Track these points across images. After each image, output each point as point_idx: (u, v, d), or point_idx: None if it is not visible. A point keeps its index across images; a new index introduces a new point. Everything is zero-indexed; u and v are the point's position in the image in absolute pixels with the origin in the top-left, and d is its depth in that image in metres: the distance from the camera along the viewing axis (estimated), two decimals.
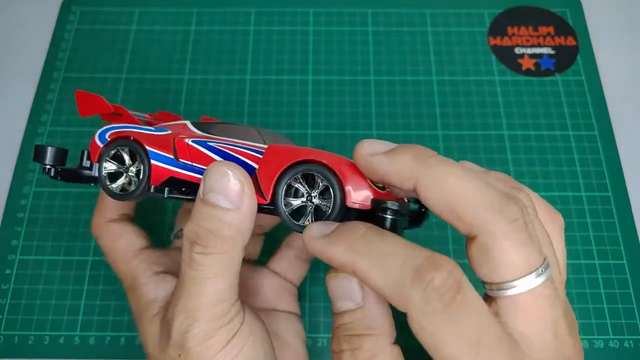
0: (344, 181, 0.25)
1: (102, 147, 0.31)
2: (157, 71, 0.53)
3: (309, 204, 0.27)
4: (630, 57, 0.55)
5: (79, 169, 0.32)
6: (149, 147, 0.29)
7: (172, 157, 0.29)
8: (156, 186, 0.29)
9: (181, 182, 0.30)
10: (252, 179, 0.27)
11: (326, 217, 0.26)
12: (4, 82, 0.53)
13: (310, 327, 0.42)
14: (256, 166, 0.28)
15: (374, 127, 0.51)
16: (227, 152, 0.29)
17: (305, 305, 0.43)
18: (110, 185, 0.30)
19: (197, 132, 0.31)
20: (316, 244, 0.24)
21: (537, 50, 0.55)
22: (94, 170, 0.31)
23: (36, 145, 0.31)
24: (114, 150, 0.31)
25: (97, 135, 0.31)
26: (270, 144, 0.28)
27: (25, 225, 0.46)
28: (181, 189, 0.30)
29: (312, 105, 0.52)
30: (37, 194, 0.47)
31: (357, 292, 0.24)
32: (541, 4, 0.57)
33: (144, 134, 0.30)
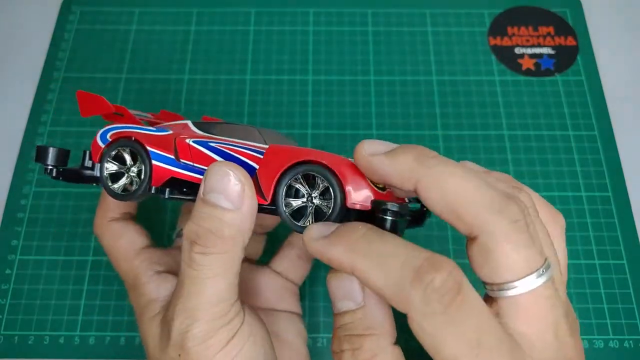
0: (344, 182, 0.25)
1: (103, 147, 0.31)
2: (157, 71, 0.53)
3: (309, 205, 0.27)
4: (630, 57, 0.55)
5: (81, 169, 0.32)
6: (150, 148, 0.29)
7: (173, 157, 0.29)
8: (157, 187, 0.29)
9: (182, 183, 0.30)
10: (253, 179, 0.27)
11: (326, 217, 0.26)
12: (4, 82, 0.53)
13: (310, 327, 0.42)
14: (257, 166, 0.28)
15: (374, 127, 0.51)
16: (228, 153, 0.29)
17: (305, 305, 0.43)
18: (111, 185, 0.31)
19: (198, 132, 0.31)
20: (316, 244, 0.24)
21: (537, 50, 0.55)
22: (96, 170, 0.31)
23: (38, 146, 0.31)
24: (116, 150, 0.31)
25: (98, 135, 0.31)
26: (270, 145, 0.28)
27: (25, 225, 0.46)
28: (182, 189, 0.30)
29: (312, 105, 0.52)
30: (37, 194, 0.47)
31: (358, 292, 0.24)
32: (541, 4, 0.57)
33: (145, 134, 0.30)
